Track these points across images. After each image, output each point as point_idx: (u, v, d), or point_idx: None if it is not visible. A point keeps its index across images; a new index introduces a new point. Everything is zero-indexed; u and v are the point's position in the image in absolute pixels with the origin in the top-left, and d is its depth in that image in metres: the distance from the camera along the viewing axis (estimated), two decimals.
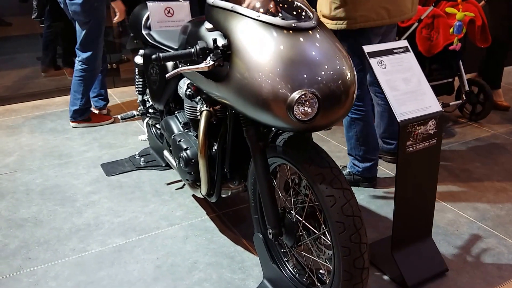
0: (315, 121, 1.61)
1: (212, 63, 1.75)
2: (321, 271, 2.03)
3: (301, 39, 1.64)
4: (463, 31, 3.29)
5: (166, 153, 2.84)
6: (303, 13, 1.75)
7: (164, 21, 2.98)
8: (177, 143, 2.42)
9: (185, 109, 2.44)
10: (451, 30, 3.27)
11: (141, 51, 3.11)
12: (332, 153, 3.44)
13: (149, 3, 2.93)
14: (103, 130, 4.03)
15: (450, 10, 3.28)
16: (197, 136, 2.42)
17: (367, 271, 1.68)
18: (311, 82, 1.59)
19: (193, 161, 2.32)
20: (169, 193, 2.97)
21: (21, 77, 5.41)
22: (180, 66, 2.27)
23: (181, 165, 2.40)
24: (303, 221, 1.87)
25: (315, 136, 2.17)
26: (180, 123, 2.58)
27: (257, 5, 1.74)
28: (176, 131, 2.55)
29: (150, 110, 3.17)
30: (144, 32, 2.97)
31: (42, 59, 5.41)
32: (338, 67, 1.64)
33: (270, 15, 1.68)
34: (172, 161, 2.72)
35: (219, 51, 1.75)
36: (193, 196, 2.91)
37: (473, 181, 3.06)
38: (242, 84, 1.67)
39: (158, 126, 3.17)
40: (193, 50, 1.80)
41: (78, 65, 3.94)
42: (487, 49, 4.05)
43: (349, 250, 1.63)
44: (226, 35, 1.75)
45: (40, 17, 4.86)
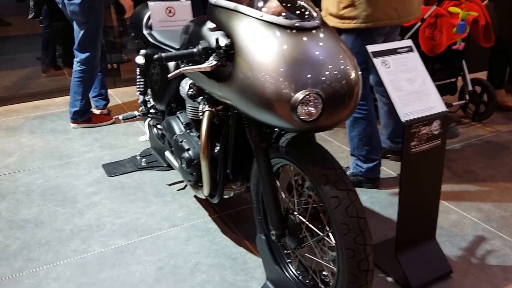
0: (319, 121, 1.59)
1: (214, 63, 1.73)
2: (325, 272, 2.02)
3: (305, 38, 1.62)
4: (467, 30, 3.27)
5: (167, 153, 2.82)
6: (307, 13, 1.73)
7: (166, 20, 2.96)
8: (179, 143, 2.41)
9: (187, 109, 2.42)
10: (454, 29, 3.25)
11: (143, 51, 3.09)
12: (335, 154, 3.43)
13: (150, 3, 2.92)
14: (103, 131, 4.02)
15: (453, 9, 3.26)
16: (199, 137, 2.40)
17: (372, 273, 1.66)
18: (315, 82, 1.57)
19: (195, 161, 2.30)
20: (170, 194, 2.95)
21: (21, 77, 5.41)
22: (182, 66, 2.25)
23: (183, 165, 2.38)
24: (307, 223, 1.86)
25: (317, 136, 2.16)
26: (182, 123, 2.56)
27: (260, 4, 1.73)
28: (178, 131, 2.53)
29: (152, 111, 3.15)
30: (145, 32, 2.95)
31: (42, 59, 5.40)
32: (342, 67, 1.62)
33: (273, 14, 1.66)
34: (174, 161, 2.70)
35: (222, 51, 1.73)
36: (195, 197, 2.90)
37: (477, 182, 3.04)
38: (245, 84, 1.65)
39: (159, 126, 3.15)
40: (195, 50, 1.78)
41: (76, 66, 3.93)
42: (491, 48, 4.02)
43: (353, 252, 1.61)
44: (228, 35, 1.73)
45: (37, 17, 4.84)
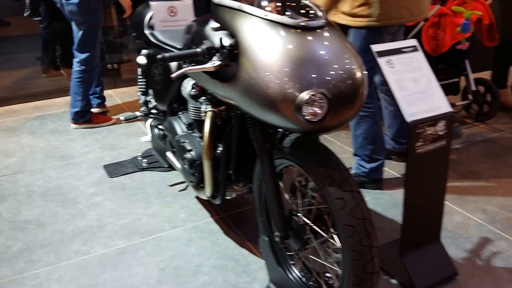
0: (324, 122, 1.58)
1: (218, 63, 1.72)
2: (328, 274, 2.00)
3: (310, 38, 1.60)
4: (471, 30, 3.25)
5: (169, 154, 2.80)
6: (311, 12, 1.71)
7: (168, 20, 2.94)
8: (181, 144, 2.39)
9: (189, 109, 2.40)
10: (458, 29, 3.23)
11: (144, 51, 3.07)
12: (336, 155, 3.40)
13: (152, 3, 2.90)
14: (104, 131, 4.00)
15: (457, 8, 3.24)
16: (201, 137, 2.38)
17: (378, 276, 1.64)
18: (320, 82, 1.55)
19: (197, 162, 2.29)
20: (172, 194, 2.94)
21: (21, 78, 5.39)
22: (185, 66, 2.23)
23: (185, 166, 2.36)
24: (311, 224, 1.84)
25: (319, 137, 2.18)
26: (184, 124, 2.54)
27: (264, 3, 1.71)
28: (180, 132, 2.51)
29: (153, 111, 3.13)
30: (147, 32, 2.93)
31: (41, 59, 5.38)
32: (348, 66, 1.60)
33: (277, 13, 1.65)
34: (176, 162, 2.68)
35: (226, 50, 1.71)
36: (197, 197, 2.88)
37: (481, 183, 3.02)
38: (249, 84, 1.63)
39: (161, 127, 3.13)
40: (199, 50, 1.76)
41: (76, 67, 3.91)
42: (495, 48, 4.00)
43: (359, 254, 1.59)
44: (232, 35, 1.71)
45: (33, 14, 4.82)
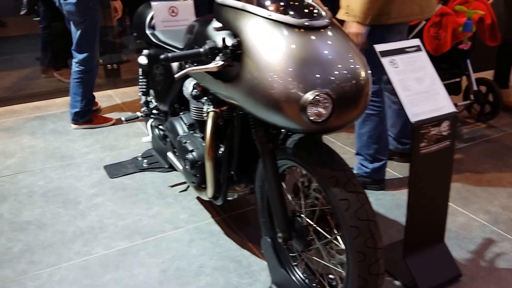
0: (328, 122, 1.56)
1: (221, 63, 1.70)
2: (331, 276, 1.98)
3: (314, 38, 1.59)
4: (473, 29, 3.24)
5: (170, 154, 2.79)
6: (315, 11, 1.70)
7: (169, 20, 2.93)
8: (183, 144, 2.37)
9: (191, 110, 2.39)
10: (460, 28, 3.21)
11: (145, 51, 3.06)
12: None
13: (153, 3, 2.89)
14: (105, 132, 3.98)
15: (459, 8, 3.22)
16: (203, 138, 2.37)
17: (383, 277, 1.63)
18: (325, 82, 1.54)
19: (199, 163, 2.27)
20: (173, 195, 2.92)
21: (21, 78, 5.37)
22: (187, 66, 2.22)
23: (186, 167, 2.35)
24: (314, 225, 1.82)
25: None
26: (185, 124, 2.53)
27: (268, 3, 1.69)
28: (181, 132, 2.50)
29: (154, 111, 3.12)
30: (148, 32, 2.92)
31: (41, 60, 5.37)
32: (352, 66, 1.59)
33: (281, 13, 1.63)
34: (177, 163, 2.67)
35: (229, 50, 1.70)
36: (197, 198, 2.86)
37: (484, 184, 3.00)
38: (253, 85, 1.61)
39: (162, 127, 3.12)
40: (202, 50, 1.75)
41: (75, 67, 3.91)
42: (497, 47, 3.99)
43: (364, 255, 1.58)
44: (235, 34, 1.70)
45: (30, 13, 4.80)
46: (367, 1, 2.39)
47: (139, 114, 3.21)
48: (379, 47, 2.04)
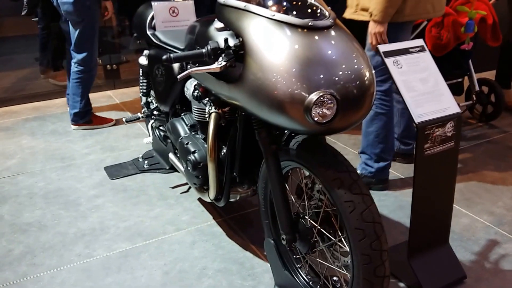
0: (333, 123, 1.55)
1: (224, 63, 1.69)
2: (335, 278, 1.97)
3: (318, 38, 1.57)
4: (475, 29, 3.23)
5: (171, 156, 2.77)
6: (318, 11, 1.68)
7: (169, 21, 2.91)
8: (185, 146, 2.36)
9: (193, 111, 2.37)
10: (462, 29, 3.20)
11: (146, 52, 3.04)
12: None
13: (153, 3, 2.87)
14: (105, 133, 3.97)
15: (461, 8, 3.21)
16: (205, 139, 2.36)
17: (388, 280, 1.62)
18: (329, 83, 1.52)
19: (201, 164, 2.26)
20: (174, 197, 2.90)
21: (20, 78, 5.35)
22: (189, 66, 2.20)
23: (188, 168, 2.33)
24: (318, 227, 1.81)
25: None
26: (187, 125, 2.51)
27: (270, 3, 1.68)
28: (183, 133, 2.49)
29: (155, 112, 3.10)
30: (149, 33, 2.90)
31: (40, 60, 5.35)
32: (356, 66, 1.58)
33: (284, 13, 1.62)
34: (179, 164, 2.66)
35: (231, 51, 1.69)
36: (199, 200, 2.85)
37: (487, 185, 2.99)
38: (256, 85, 1.60)
39: (162, 128, 3.10)
40: (204, 51, 1.73)
41: (74, 67, 3.90)
42: (499, 47, 3.98)
43: (369, 257, 1.56)
44: (238, 35, 1.68)
45: (30, 14, 4.78)
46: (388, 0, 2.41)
47: (140, 115, 3.19)
48: (382, 48, 2.03)
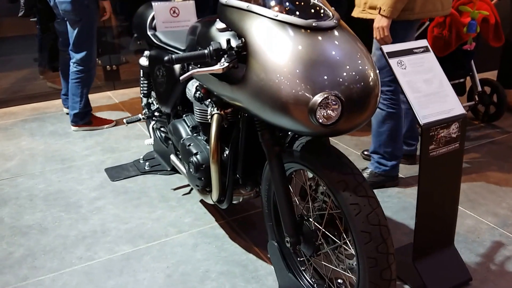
0: (338, 125, 1.53)
1: (226, 64, 1.67)
2: (339, 280, 1.95)
3: (322, 39, 1.56)
4: (477, 30, 3.21)
5: (173, 157, 2.75)
6: (322, 12, 1.67)
7: (170, 21, 2.90)
8: (187, 147, 2.34)
9: (194, 112, 2.35)
10: (464, 29, 3.19)
11: (146, 52, 3.02)
12: None
13: (154, 3, 2.85)
14: (105, 134, 3.95)
15: (463, 8, 3.20)
16: (207, 141, 2.34)
17: (395, 283, 1.60)
18: (334, 84, 1.51)
19: (203, 166, 2.24)
20: (176, 198, 2.88)
21: (19, 79, 5.33)
22: (190, 67, 2.19)
23: (191, 170, 2.31)
24: (323, 229, 1.79)
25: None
26: (189, 126, 2.49)
27: (273, 3, 1.66)
28: (184, 135, 2.47)
29: (156, 113, 3.08)
30: (149, 33, 2.88)
31: (39, 61, 5.33)
32: (361, 67, 1.56)
33: (287, 14, 1.60)
34: (180, 166, 2.64)
35: (234, 52, 1.67)
36: (201, 201, 2.83)
37: (491, 186, 2.97)
38: (259, 87, 1.58)
39: (164, 129, 3.08)
40: (206, 51, 1.71)
41: (73, 67, 3.89)
42: (501, 47, 3.96)
43: (375, 261, 1.55)
44: (240, 36, 1.66)
45: (28, 15, 4.77)
46: None
47: (140, 116, 3.17)
48: (386, 48, 2.01)
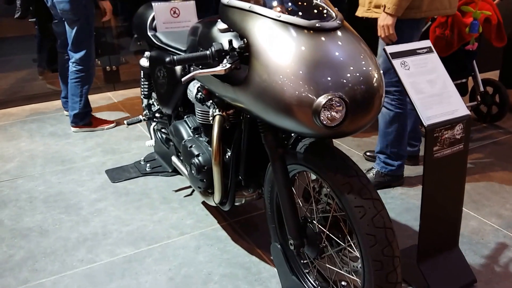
0: (342, 126, 1.52)
1: (229, 66, 1.65)
2: (343, 283, 1.94)
3: (326, 39, 1.54)
4: (480, 30, 3.20)
5: (174, 159, 2.74)
6: (325, 11, 1.65)
7: (170, 22, 2.88)
8: (188, 149, 2.32)
9: (196, 113, 2.34)
10: (467, 29, 3.17)
11: (147, 53, 3.01)
12: None
13: (154, 4, 2.83)
14: (105, 135, 3.93)
15: (466, 8, 3.18)
16: (208, 142, 2.32)
17: (400, 286, 1.59)
18: (338, 85, 1.49)
19: (205, 168, 2.22)
20: (177, 200, 2.87)
21: (17, 80, 5.31)
22: (192, 68, 2.17)
23: (192, 172, 2.29)
24: (327, 232, 1.77)
25: None
26: (190, 128, 2.48)
27: (276, 4, 1.65)
28: (186, 136, 2.45)
29: (157, 115, 3.06)
30: (149, 34, 2.87)
31: (38, 61, 5.32)
32: (365, 68, 1.55)
33: (290, 14, 1.58)
34: (182, 167, 2.62)
35: (236, 53, 1.65)
36: (203, 203, 2.81)
37: (494, 187, 2.95)
38: (262, 88, 1.57)
39: (164, 130, 3.07)
40: (208, 52, 1.70)
41: (72, 67, 3.88)
42: (503, 47, 3.95)
43: (381, 264, 1.53)
44: (242, 36, 1.65)
45: (24, 17, 4.76)
46: None
47: (141, 117, 3.15)
48: (389, 49, 2.00)
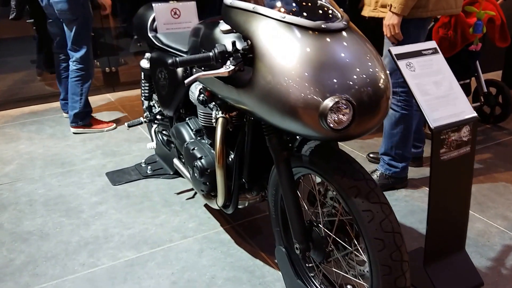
0: (349, 129, 1.49)
1: (232, 67, 1.63)
2: (349, 287, 1.91)
3: (331, 41, 1.51)
4: (483, 30, 3.18)
5: (176, 161, 2.71)
6: (330, 12, 1.62)
7: (171, 23, 2.85)
8: (191, 151, 2.29)
9: (198, 116, 2.31)
10: (470, 29, 3.15)
11: (147, 55, 2.98)
12: None
13: (155, 4, 2.80)
14: (105, 137, 3.90)
15: (469, 8, 3.16)
16: (211, 144, 2.30)
17: None
18: (344, 87, 1.46)
19: (208, 170, 2.19)
20: (179, 203, 2.84)
21: (16, 81, 5.28)
22: (194, 70, 2.14)
23: (195, 175, 2.27)
24: (333, 236, 1.75)
25: None
26: (192, 130, 2.45)
27: (280, 5, 1.62)
28: (188, 139, 2.42)
29: (158, 117, 3.03)
30: (150, 35, 2.84)
31: (37, 63, 5.29)
32: (371, 70, 1.52)
33: (295, 15, 1.56)
34: (184, 170, 2.59)
35: (240, 54, 1.62)
36: (205, 206, 2.78)
37: (499, 188, 2.93)
38: (266, 90, 1.54)
39: (166, 133, 3.04)
40: (211, 54, 1.67)
41: (73, 66, 3.88)
42: (507, 48, 3.93)
43: (389, 268, 1.51)
44: (246, 38, 1.62)
45: (19, 18, 4.74)
46: None
47: (142, 119, 3.13)
48: (394, 50, 1.97)
